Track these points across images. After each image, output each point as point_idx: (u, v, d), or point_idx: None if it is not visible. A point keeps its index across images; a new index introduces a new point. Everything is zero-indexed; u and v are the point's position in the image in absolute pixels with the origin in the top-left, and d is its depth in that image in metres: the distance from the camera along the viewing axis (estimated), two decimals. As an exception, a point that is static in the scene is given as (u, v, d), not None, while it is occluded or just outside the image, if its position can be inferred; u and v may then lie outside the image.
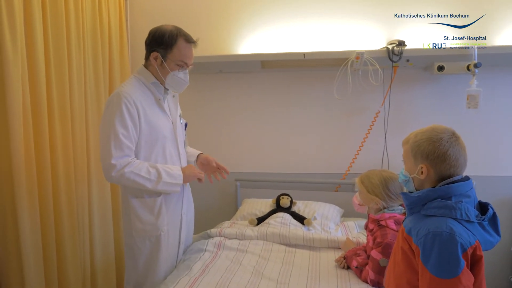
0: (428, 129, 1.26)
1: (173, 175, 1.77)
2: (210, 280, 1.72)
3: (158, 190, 1.76)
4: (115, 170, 1.64)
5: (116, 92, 1.71)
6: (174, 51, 1.74)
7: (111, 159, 1.63)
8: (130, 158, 1.68)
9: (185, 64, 1.78)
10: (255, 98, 2.86)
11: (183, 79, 1.80)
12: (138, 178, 1.68)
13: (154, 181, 1.71)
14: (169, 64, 1.75)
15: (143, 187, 1.71)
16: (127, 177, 1.66)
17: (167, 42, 1.73)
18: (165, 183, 1.74)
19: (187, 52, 1.77)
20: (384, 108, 2.68)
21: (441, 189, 1.19)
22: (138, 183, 1.69)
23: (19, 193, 1.80)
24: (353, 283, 1.70)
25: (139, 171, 1.68)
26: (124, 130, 1.66)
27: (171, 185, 1.77)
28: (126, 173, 1.65)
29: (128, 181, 1.68)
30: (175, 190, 1.81)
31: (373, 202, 1.78)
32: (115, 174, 1.64)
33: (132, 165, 1.67)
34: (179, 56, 1.75)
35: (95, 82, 2.40)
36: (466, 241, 1.09)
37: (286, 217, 2.41)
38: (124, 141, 1.66)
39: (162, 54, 1.74)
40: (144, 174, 1.69)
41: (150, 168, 1.72)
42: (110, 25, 2.54)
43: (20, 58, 1.78)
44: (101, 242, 2.42)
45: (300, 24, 2.71)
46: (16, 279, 1.83)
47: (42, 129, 1.93)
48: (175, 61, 1.75)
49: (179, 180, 1.79)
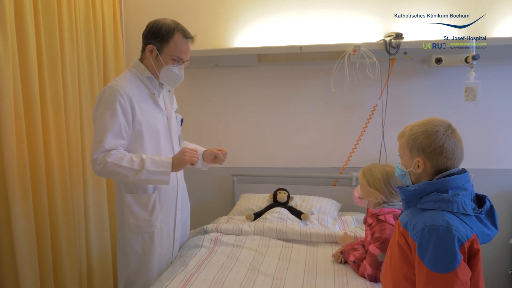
0: (424, 122, 1.24)
1: (158, 162, 1.65)
2: (206, 276, 1.70)
3: (142, 181, 1.66)
4: (96, 163, 1.61)
5: (109, 86, 1.68)
6: (170, 45, 1.71)
7: (94, 153, 1.61)
8: (112, 151, 1.62)
9: (180, 60, 1.75)
10: (252, 92, 2.83)
11: (177, 74, 1.77)
12: (119, 168, 1.60)
13: (136, 170, 1.61)
14: (164, 58, 1.73)
15: (126, 178, 1.64)
16: (108, 168, 1.59)
17: (163, 35, 1.70)
18: (148, 172, 1.62)
19: (183, 47, 1.74)
20: (382, 102, 2.66)
21: (438, 182, 1.17)
22: (120, 174, 1.62)
23: (12, 191, 1.77)
24: (350, 278, 1.69)
25: (119, 161, 1.60)
26: (115, 124, 1.63)
27: (157, 174, 1.64)
28: (107, 163, 1.59)
29: (110, 173, 1.63)
30: (162, 180, 1.66)
31: (373, 196, 1.75)
32: (98, 168, 1.61)
33: (112, 156, 1.59)
34: (174, 51, 1.72)
35: (89, 78, 2.37)
36: (463, 234, 1.08)
37: (283, 212, 2.41)
38: (114, 136, 1.63)
39: (158, 47, 1.72)
40: (125, 164, 1.60)
41: (134, 157, 1.63)
42: (104, 19, 2.51)
43: (11, 54, 1.75)
44: (97, 239, 2.40)
45: (297, 17, 2.68)
46: (10, 277, 1.82)
47: (35, 126, 1.90)
48: (170, 56, 1.72)
49: (167, 168, 1.65)
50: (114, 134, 1.63)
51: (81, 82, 2.27)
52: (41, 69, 1.95)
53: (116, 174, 1.63)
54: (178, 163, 1.69)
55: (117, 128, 1.64)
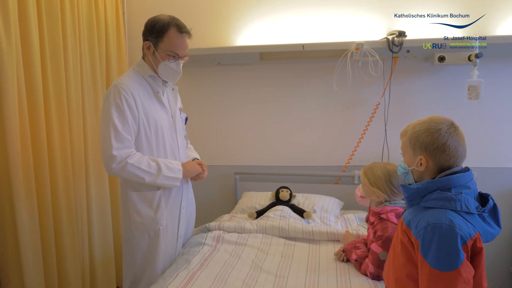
0: (426, 120, 1.23)
1: (172, 169, 1.76)
2: (208, 274, 1.71)
3: (157, 184, 1.74)
4: (115, 161, 1.62)
5: (113, 84, 1.69)
6: (165, 40, 1.71)
7: (112, 150, 1.61)
8: (130, 150, 1.66)
9: (176, 55, 1.74)
10: (254, 91, 2.83)
11: (174, 69, 1.77)
12: (138, 171, 1.66)
13: (154, 174, 1.69)
14: (160, 53, 1.72)
15: (142, 180, 1.69)
16: (127, 169, 1.64)
17: (158, 31, 1.70)
18: (164, 177, 1.72)
19: (179, 42, 1.72)
20: (384, 100, 2.65)
21: (441, 180, 1.17)
22: (137, 176, 1.68)
23: (16, 189, 1.78)
24: (352, 276, 1.69)
25: (139, 164, 1.66)
26: (123, 121, 1.65)
27: (171, 179, 1.75)
28: (127, 165, 1.64)
29: (128, 174, 1.67)
30: (174, 185, 1.79)
31: (375, 195, 1.75)
32: (115, 166, 1.63)
33: (133, 158, 1.66)
34: (169, 46, 1.71)
35: (92, 76, 2.37)
36: (466, 233, 1.07)
37: (286, 210, 2.41)
38: (123, 133, 1.64)
39: (154, 43, 1.72)
40: (144, 167, 1.67)
41: (150, 161, 1.70)
42: (106, 18, 2.51)
43: (15, 53, 1.75)
44: (100, 237, 2.41)
45: (299, 15, 2.68)
46: (15, 275, 1.83)
47: (39, 124, 1.91)
48: (165, 51, 1.72)
49: (179, 175, 1.78)
50: (125, 131, 1.65)
51: (84, 81, 2.28)
52: (44, 68, 1.95)
53: (133, 175, 1.67)
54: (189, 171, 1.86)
55: (126, 126, 1.66)
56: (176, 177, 1.77)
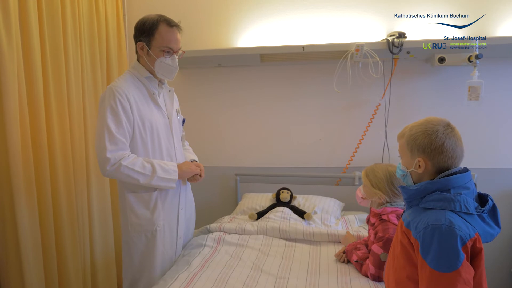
0: (423, 122, 1.24)
1: (168, 170, 1.76)
2: (209, 275, 1.71)
3: (152, 185, 1.74)
4: (109, 164, 1.63)
5: (109, 87, 1.71)
6: (156, 36, 1.72)
7: (106, 153, 1.62)
8: (124, 152, 1.67)
9: (170, 49, 1.75)
10: (254, 92, 2.84)
11: (171, 65, 1.77)
12: (132, 172, 1.67)
13: (148, 175, 1.70)
14: (154, 51, 1.74)
15: (137, 182, 1.69)
16: (121, 171, 1.65)
17: (148, 29, 1.72)
18: (159, 178, 1.72)
19: (170, 37, 1.74)
20: (385, 101, 2.66)
21: (440, 181, 1.17)
22: (132, 178, 1.68)
23: (17, 190, 1.79)
24: (353, 277, 1.69)
25: (133, 165, 1.67)
26: (117, 124, 1.65)
27: (166, 181, 1.75)
28: (121, 166, 1.64)
29: (122, 176, 1.67)
30: (170, 186, 1.79)
31: (376, 196, 1.74)
32: (109, 168, 1.64)
33: (127, 159, 1.66)
34: (162, 41, 1.73)
35: (93, 78, 2.38)
36: (465, 233, 1.07)
37: (286, 212, 2.41)
38: (117, 136, 1.65)
39: (146, 42, 1.74)
40: (138, 169, 1.68)
41: (145, 162, 1.71)
42: (107, 19, 2.52)
43: (16, 53, 1.76)
44: (101, 238, 2.42)
45: (299, 17, 2.69)
46: (15, 276, 1.83)
47: (40, 126, 1.92)
48: (159, 47, 1.73)
49: (174, 176, 1.77)
50: (119, 133, 1.66)
51: (85, 82, 2.29)
52: (45, 69, 1.96)
53: (127, 177, 1.68)
54: (184, 172, 1.84)
55: (121, 128, 1.66)
56: (171, 178, 1.76)
